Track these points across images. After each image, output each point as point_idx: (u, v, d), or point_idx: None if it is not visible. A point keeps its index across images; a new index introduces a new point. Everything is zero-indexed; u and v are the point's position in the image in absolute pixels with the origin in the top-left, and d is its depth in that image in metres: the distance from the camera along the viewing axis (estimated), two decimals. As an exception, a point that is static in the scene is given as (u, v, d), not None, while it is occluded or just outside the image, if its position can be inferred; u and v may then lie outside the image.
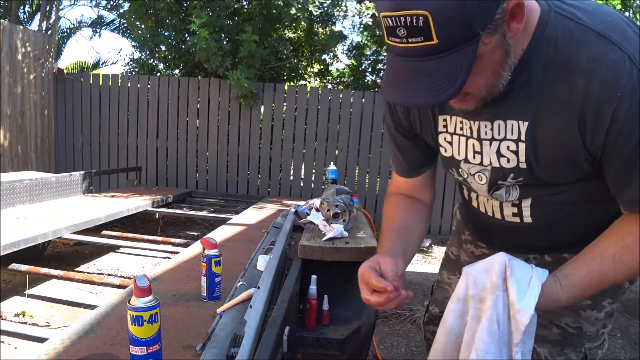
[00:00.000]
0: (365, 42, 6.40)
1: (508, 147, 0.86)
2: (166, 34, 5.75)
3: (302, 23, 5.90)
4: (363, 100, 5.45)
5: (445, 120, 0.96)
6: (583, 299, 0.86)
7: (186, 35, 5.62)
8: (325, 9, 5.56)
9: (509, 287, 0.84)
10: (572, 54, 0.75)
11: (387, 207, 1.12)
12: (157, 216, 4.13)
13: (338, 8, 5.40)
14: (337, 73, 7.40)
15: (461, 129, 0.93)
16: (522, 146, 0.84)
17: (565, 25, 0.76)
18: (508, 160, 0.88)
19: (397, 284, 0.86)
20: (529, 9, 0.76)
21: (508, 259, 0.86)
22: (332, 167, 2.88)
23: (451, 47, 0.66)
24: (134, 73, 6.35)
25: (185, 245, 2.95)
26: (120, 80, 5.75)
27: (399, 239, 1.00)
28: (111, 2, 7.39)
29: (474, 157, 0.94)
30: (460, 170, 0.99)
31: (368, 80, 6.40)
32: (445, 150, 1.00)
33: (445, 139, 0.98)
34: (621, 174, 0.79)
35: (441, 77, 0.68)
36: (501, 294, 0.85)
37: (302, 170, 5.64)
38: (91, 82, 5.71)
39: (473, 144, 0.92)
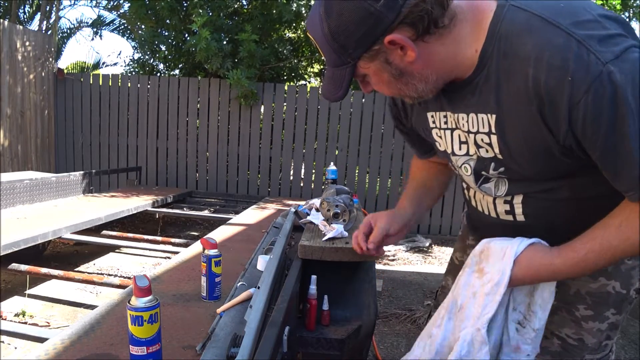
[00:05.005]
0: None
1: (482, 140, 0.88)
2: (166, 34, 5.75)
3: (303, 23, 5.89)
4: (363, 100, 5.45)
5: (432, 116, 0.99)
6: (582, 268, 0.83)
7: (186, 35, 5.62)
8: None
9: (483, 268, 0.92)
10: (520, 43, 0.76)
11: (413, 168, 1.28)
12: (157, 216, 4.13)
13: None
14: (337, 73, 7.38)
15: (446, 122, 0.96)
16: (494, 138, 0.86)
17: (516, 17, 0.77)
18: (486, 151, 0.90)
19: (373, 246, 1.13)
20: (480, 9, 0.80)
21: (485, 243, 0.95)
22: (332, 167, 2.87)
23: (335, 66, 0.84)
24: (134, 73, 6.35)
25: (185, 245, 2.95)
26: (120, 81, 5.75)
27: (417, 196, 1.21)
28: (111, 2, 7.40)
29: (460, 148, 0.96)
30: (453, 163, 1.01)
31: (368, 80, 6.39)
32: (439, 145, 1.02)
33: (436, 134, 1.01)
34: (606, 165, 0.76)
35: (335, 82, 0.86)
36: (470, 271, 0.95)
37: (302, 170, 5.64)
38: (91, 82, 5.71)
39: (459, 135, 0.94)
